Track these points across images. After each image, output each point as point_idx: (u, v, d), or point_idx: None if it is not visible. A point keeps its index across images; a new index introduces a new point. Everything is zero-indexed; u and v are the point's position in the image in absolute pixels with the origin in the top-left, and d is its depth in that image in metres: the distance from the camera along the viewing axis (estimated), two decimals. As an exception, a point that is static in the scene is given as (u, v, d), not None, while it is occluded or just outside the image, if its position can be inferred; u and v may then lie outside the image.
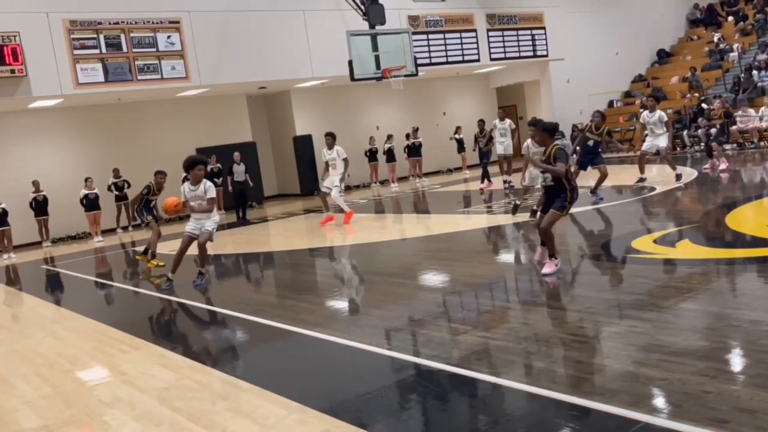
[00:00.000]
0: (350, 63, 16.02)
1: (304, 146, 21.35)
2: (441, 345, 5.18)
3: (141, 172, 17.64)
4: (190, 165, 8.74)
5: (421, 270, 8.34)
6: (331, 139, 13.24)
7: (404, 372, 4.79)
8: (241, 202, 17.35)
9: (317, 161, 19.16)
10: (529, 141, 10.31)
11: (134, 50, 15.47)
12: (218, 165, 18.16)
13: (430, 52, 20.28)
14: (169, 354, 5.91)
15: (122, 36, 15.31)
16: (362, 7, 16.78)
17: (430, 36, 20.36)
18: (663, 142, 13.33)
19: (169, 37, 15.89)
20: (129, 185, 17.64)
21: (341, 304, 7.31)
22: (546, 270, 6.91)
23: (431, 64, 20.25)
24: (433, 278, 7.82)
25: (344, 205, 13.40)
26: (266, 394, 4.57)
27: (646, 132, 13.67)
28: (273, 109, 22.47)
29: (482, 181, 16.23)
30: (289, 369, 5.26)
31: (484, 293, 6.81)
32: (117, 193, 17.62)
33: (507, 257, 8.94)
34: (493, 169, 17.03)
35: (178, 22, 16.02)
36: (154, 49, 15.73)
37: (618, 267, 7.23)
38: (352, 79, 16.35)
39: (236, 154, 17.68)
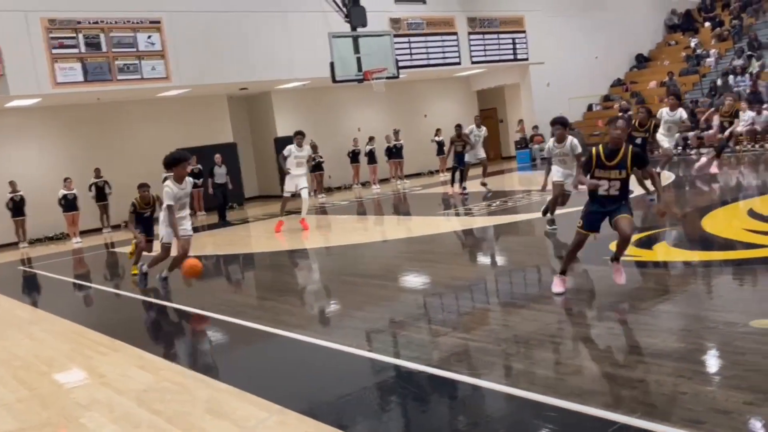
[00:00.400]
0: (332, 65, 16.02)
1: (285, 148, 21.27)
2: (421, 346, 5.20)
3: (121, 173, 17.56)
4: (174, 162, 7.93)
5: (402, 272, 8.36)
6: (302, 137, 12.96)
7: (385, 374, 4.80)
8: (221, 203, 17.34)
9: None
10: (551, 142, 9.49)
11: (114, 50, 15.36)
12: (198, 166, 18.07)
13: (411, 54, 20.36)
14: (148, 356, 5.87)
15: (102, 36, 15.19)
16: (344, 9, 16.79)
17: (412, 38, 20.43)
18: (673, 142, 12.91)
19: (149, 37, 15.80)
20: (110, 187, 17.51)
21: (322, 306, 7.31)
22: (620, 281, 6.01)
23: (413, 66, 20.32)
24: (414, 280, 7.84)
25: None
26: (246, 396, 4.56)
27: (661, 131, 13.06)
28: (254, 110, 22.40)
29: (452, 184, 15.86)
30: (269, 371, 5.25)
31: (465, 295, 6.84)
32: (97, 193, 17.47)
33: (487, 259, 8.99)
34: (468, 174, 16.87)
35: (158, 22, 15.92)
36: (134, 49, 15.63)
37: (596, 269, 7.29)
38: (334, 80, 16.36)
39: (217, 156, 17.64)
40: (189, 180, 8.15)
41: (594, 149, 5.88)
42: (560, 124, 9.23)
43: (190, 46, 16.26)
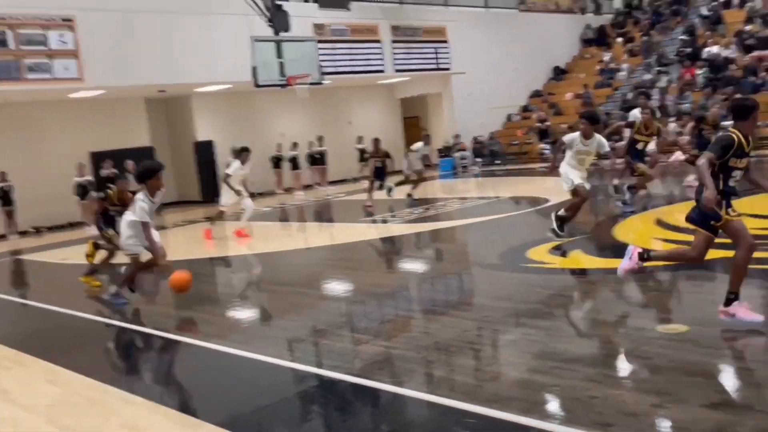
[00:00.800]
0: (254, 69, 15.83)
1: (205, 152, 20.90)
2: (342, 355, 5.19)
3: (30, 177, 16.78)
4: (147, 174, 7.13)
5: (324, 279, 8.32)
6: (247, 154, 12.29)
7: (305, 383, 4.77)
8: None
9: (219, 167, 18.80)
10: (578, 136, 8.59)
11: (22, 48, 14.68)
12: (114, 170, 17.44)
13: (335, 60, 20.36)
14: (58, 370, 5.61)
15: (8, 32, 14.49)
16: (267, 13, 16.63)
17: (336, 45, 20.43)
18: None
19: (61, 35, 15.18)
20: (12, 192, 16.67)
21: (242, 315, 7.19)
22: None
23: (337, 72, 20.32)
24: (337, 287, 7.82)
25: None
26: (161, 410, 4.43)
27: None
28: (173, 113, 21.87)
29: (370, 196, 14.55)
30: (186, 383, 5.12)
31: (386, 302, 6.87)
32: (2, 198, 16.61)
33: (409, 266, 9.07)
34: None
35: (71, 20, 15.32)
36: (45, 48, 14.98)
37: (514, 276, 7.47)
38: (256, 85, 16.16)
39: (129, 163, 16.71)
40: (161, 192, 7.37)
41: (733, 134, 4.68)
42: (587, 119, 8.61)
43: (106, 46, 15.71)
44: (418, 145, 15.75)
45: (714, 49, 21.80)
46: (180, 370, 5.55)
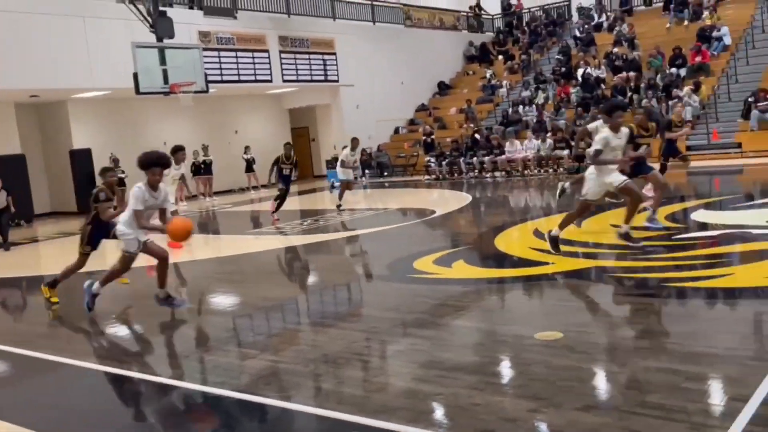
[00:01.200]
0: (135, 75, 15.28)
1: (82, 160, 19.89)
2: (228, 371, 5.09)
3: None
4: (146, 166, 6.47)
5: (210, 293, 8.13)
6: (183, 152, 11.65)
7: (190, 401, 4.63)
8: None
9: (96, 176, 17.95)
10: (608, 133, 7.61)
11: None
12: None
13: (221, 69, 20.01)
14: None
15: None
16: (149, 18, 16.11)
17: (222, 53, 20.10)
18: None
19: None
20: None
21: (120, 332, 6.88)
22: None
23: (223, 81, 19.98)
24: (223, 301, 7.66)
25: None
26: (32, 436, 4.17)
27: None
28: (47, 119, 20.68)
29: (277, 209, 14.15)
30: (59, 406, 4.84)
31: (274, 315, 6.80)
32: None
33: (298, 278, 9.02)
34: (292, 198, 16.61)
35: (-69, 18, 14.22)
36: None
37: (401, 287, 7.60)
38: (138, 92, 15.61)
39: None
40: (163, 188, 6.75)
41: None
42: (605, 112, 7.92)
43: (-29, 47, 14.71)
44: (346, 151, 15.43)
45: (586, 70, 23.18)
46: (52, 392, 5.23)
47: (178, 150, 11.46)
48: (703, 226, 9.17)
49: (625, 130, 7.69)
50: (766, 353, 4.34)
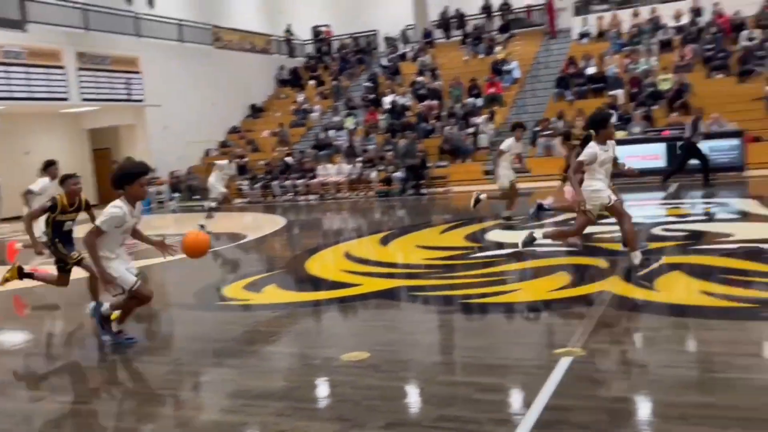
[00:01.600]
0: None
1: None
2: (12, 416, 4.62)
3: None
4: (132, 177, 5.65)
5: (-8, 332, 7.35)
6: (56, 168, 10.44)
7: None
8: None
9: None
10: (596, 147, 7.26)
11: None
12: None
13: (10, 85, 18.39)
14: None
15: None
16: None
17: (10, 68, 18.47)
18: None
19: None
20: None
21: None
22: None
23: (11, 99, 18.35)
24: (7, 339, 6.96)
25: None
26: None
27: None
28: None
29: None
30: None
31: (71, 353, 6.30)
32: None
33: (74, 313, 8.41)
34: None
35: None
36: None
37: (208, 315, 7.37)
38: None
39: None
40: (140, 205, 5.93)
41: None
42: (595, 126, 7.33)
43: None
44: (223, 162, 14.94)
45: (393, 97, 24.21)
46: None
47: (50, 165, 10.46)
48: (499, 245, 9.88)
49: (611, 142, 7.41)
50: (548, 361, 4.75)
